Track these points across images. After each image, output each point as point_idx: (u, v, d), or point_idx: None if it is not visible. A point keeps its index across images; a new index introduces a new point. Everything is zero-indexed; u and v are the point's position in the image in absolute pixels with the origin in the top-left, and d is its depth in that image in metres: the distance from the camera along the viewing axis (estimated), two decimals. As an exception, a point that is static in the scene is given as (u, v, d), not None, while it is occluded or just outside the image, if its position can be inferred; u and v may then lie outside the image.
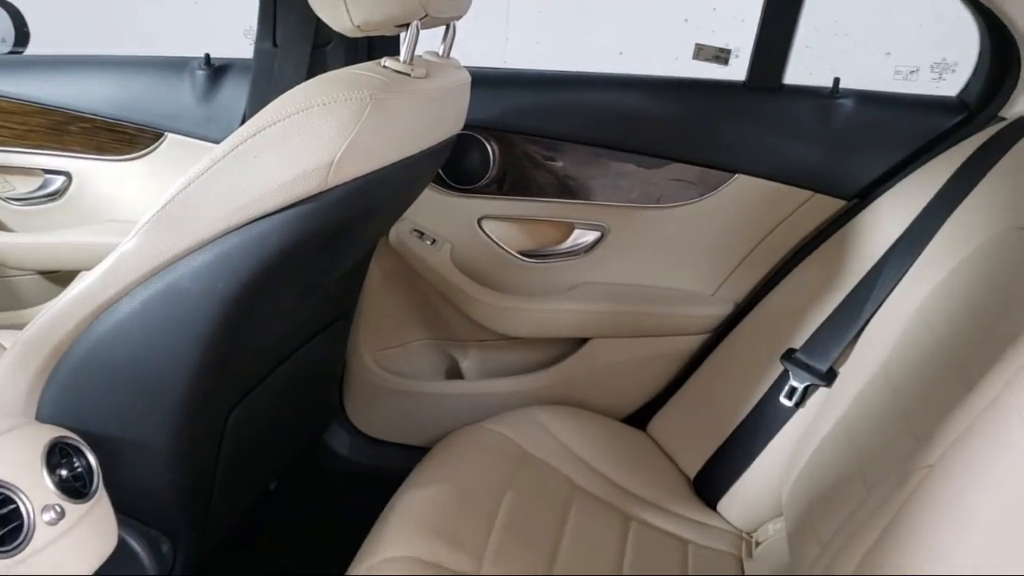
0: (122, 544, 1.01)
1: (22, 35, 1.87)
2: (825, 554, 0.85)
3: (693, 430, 1.38)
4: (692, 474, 1.35)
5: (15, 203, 1.68)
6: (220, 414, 1.10)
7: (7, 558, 0.84)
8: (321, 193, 0.92)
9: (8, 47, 1.88)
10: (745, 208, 1.42)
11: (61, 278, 1.73)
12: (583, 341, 1.53)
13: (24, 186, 1.68)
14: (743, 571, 1.19)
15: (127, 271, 0.94)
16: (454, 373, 1.65)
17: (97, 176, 1.63)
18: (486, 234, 1.53)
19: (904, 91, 1.40)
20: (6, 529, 0.85)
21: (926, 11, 3.01)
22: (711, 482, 1.31)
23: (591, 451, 1.34)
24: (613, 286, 1.52)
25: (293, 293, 1.11)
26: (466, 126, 1.28)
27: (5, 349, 1.33)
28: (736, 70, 1.45)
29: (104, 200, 1.65)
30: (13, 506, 0.86)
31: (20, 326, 1.19)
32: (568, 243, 1.53)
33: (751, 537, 1.26)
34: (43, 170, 1.66)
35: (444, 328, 1.63)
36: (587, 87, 1.49)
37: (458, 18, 1.15)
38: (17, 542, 0.85)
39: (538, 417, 1.39)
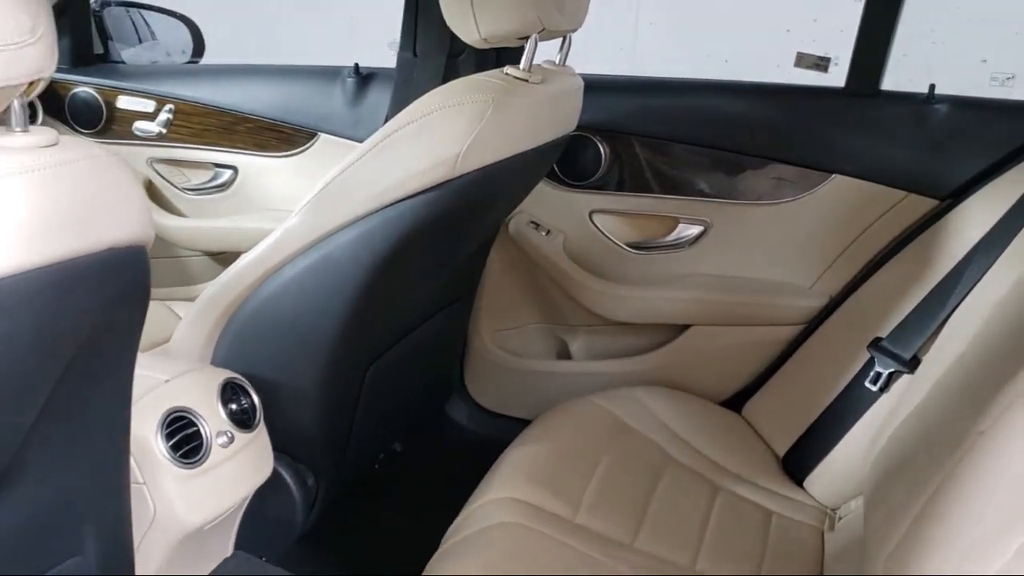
0: (276, 473, 1.20)
1: (199, 47, 2.14)
2: (890, 516, 0.94)
3: (785, 412, 1.47)
4: (781, 452, 1.44)
5: (190, 193, 1.93)
6: (359, 368, 1.29)
7: (190, 469, 1.04)
8: (448, 181, 1.09)
9: (188, 57, 2.16)
10: (841, 206, 1.51)
11: (224, 259, 1.98)
12: (684, 328, 1.64)
13: (197, 178, 1.94)
14: (823, 542, 1.28)
15: (290, 243, 1.14)
16: (564, 354, 1.80)
17: (259, 170, 1.86)
18: (596, 227, 1.67)
19: (1000, 97, 1.46)
20: (190, 446, 1.05)
21: (1023, 19, 2.97)
22: (799, 460, 1.40)
23: (686, 427, 1.46)
24: (715, 277, 1.63)
25: (422, 268, 1.28)
26: (580, 127, 1.43)
27: (179, 317, 1.57)
28: (835, 77, 1.54)
29: (264, 191, 1.88)
30: (195, 429, 1.06)
31: (190, 299, 1.41)
32: (672, 236, 1.65)
33: (834, 513, 1.34)
34: (214, 164, 1.90)
35: (556, 313, 1.78)
36: (694, 92, 1.61)
37: (574, 31, 1.29)
38: (198, 457, 1.05)
39: (638, 395, 1.52)
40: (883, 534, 0.91)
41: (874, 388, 1.32)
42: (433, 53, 1.60)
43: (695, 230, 1.63)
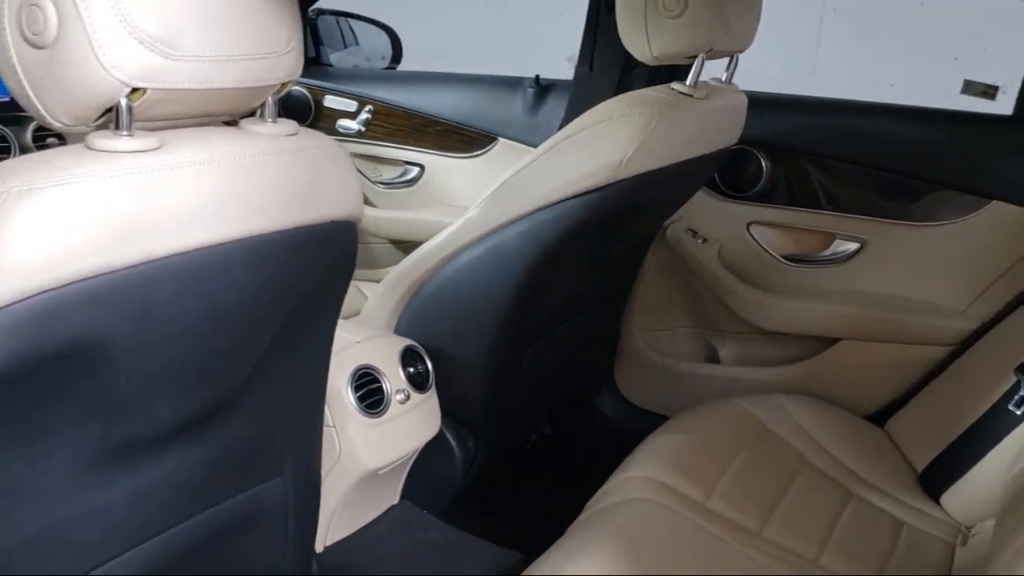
0: (441, 433, 1.37)
1: (398, 54, 2.36)
2: (1020, 539, 0.98)
3: (927, 429, 1.49)
4: (920, 468, 1.47)
5: (381, 186, 2.15)
6: (519, 348, 1.43)
7: (372, 418, 1.21)
8: (610, 184, 1.21)
9: (387, 62, 2.38)
10: (1000, 232, 1.52)
11: (405, 247, 2.17)
12: (833, 341, 1.69)
13: (388, 173, 2.15)
14: (953, 558, 1.30)
15: (468, 232, 1.30)
16: (712, 359, 1.87)
17: (443, 169, 2.05)
18: (753, 237, 1.74)
19: None
20: (373, 399, 1.22)
21: None
22: (937, 476, 1.43)
23: (826, 436, 1.51)
24: (867, 293, 1.67)
25: (581, 263, 1.41)
26: (743, 141, 1.52)
27: (365, 296, 1.77)
28: (1001, 105, 1.54)
29: (446, 188, 2.06)
30: (378, 385, 1.24)
31: (374, 280, 1.61)
32: (828, 251, 1.70)
33: (968, 530, 1.36)
34: (404, 162, 2.11)
35: (707, 318, 1.86)
36: (856, 113, 1.66)
37: (741, 52, 1.38)
38: (379, 409, 1.23)
39: (782, 402, 1.58)
40: (1012, 556, 0.94)
41: (1018, 412, 1.33)
42: (608, 68, 1.72)
43: (851, 247, 1.67)
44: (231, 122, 0.82)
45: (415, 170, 2.09)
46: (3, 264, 0.61)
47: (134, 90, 0.66)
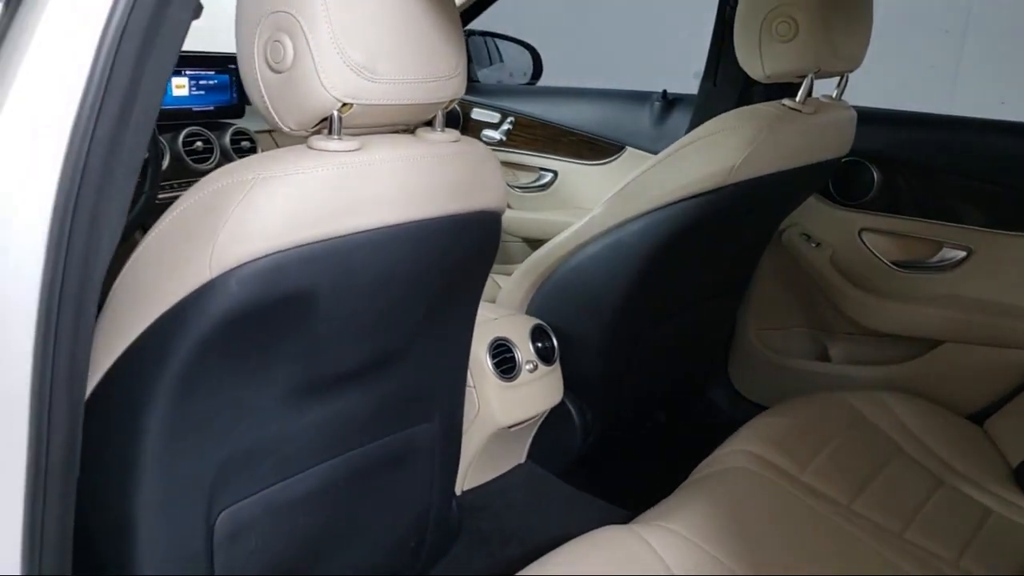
0: (563, 403, 1.56)
1: (538, 70, 2.58)
2: None
3: (1024, 428, 1.58)
4: (1015, 463, 1.55)
5: (517, 190, 2.37)
6: (636, 333, 1.61)
7: (506, 382, 1.42)
8: (722, 187, 1.38)
9: (527, 78, 2.60)
10: None
11: (536, 245, 2.38)
12: (937, 343, 1.78)
13: (525, 179, 2.36)
14: None
15: (593, 227, 1.49)
16: (822, 357, 1.99)
17: (574, 175, 2.25)
18: (864, 243, 1.85)
19: None
20: (507, 366, 1.43)
21: None
22: (1031, 472, 1.51)
23: (923, 429, 1.61)
24: (973, 299, 1.75)
25: (694, 260, 1.58)
26: (856, 153, 1.65)
27: (499, 286, 1.98)
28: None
29: (576, 193, 2.26)
30: (511, 355, 1.45)
31: (507, 274, 1.82)
32: (936, 258, 1.79)
33: (1060, 527, 1.44)
34: (539, 168, 2.32)
35: (819, 319, 1.98)
36: (965, 128, 1.75)
37: (850, 71, 1.52)
38: (512, 375, 1.43)
39: (884, 397, 1.68)
40: None
41: (1113, 413, 1.41)
42: (730, 83, 1.88)
43: (958, 254, 1.76)
44: (408, 130, 1.04)
45: (549, 175, 2.29)
46: (248, 231, 0.84)
47: (344, 105, 0.88)
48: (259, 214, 0.84)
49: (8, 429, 0.75)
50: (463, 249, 1.09)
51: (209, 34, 1.30)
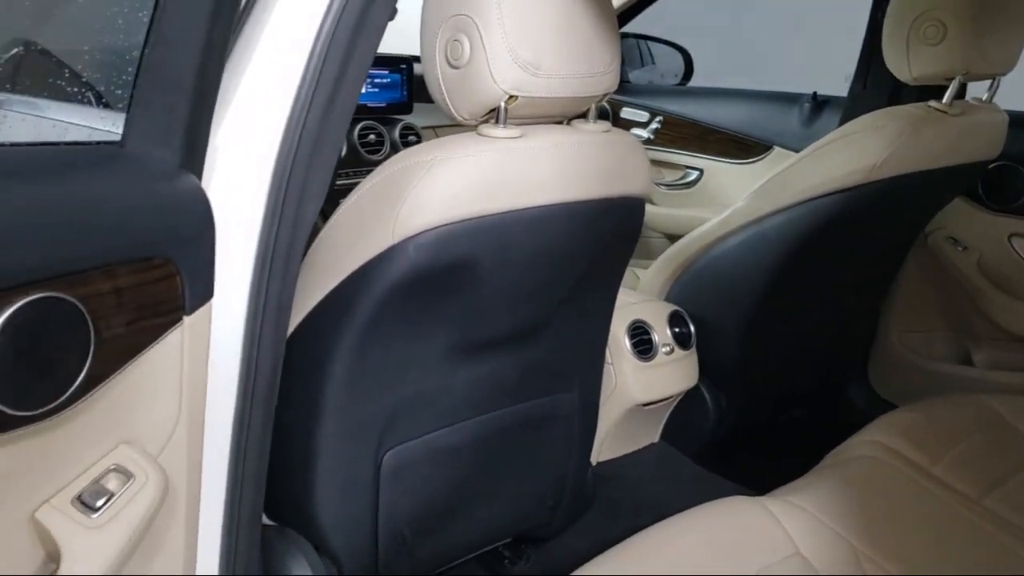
0: (698, 387, 1.64)
1: (689, 71, 2.65)
2: None
3: None
4: None
5: (663, 187, 2.45)
6: (773, 325, 1.67)
7: (642, 362, 1.52)
8: (863, 185, 1.42)
9: (678, 79, 2.68)
10: None
11: (675, 240, 2.46)
12: (1089, 352, 1.75)
13: (670, 176, 2.44)
14: None
15: (735, 220, 1.56)
16: (965, 362, 1.97)
17: (720, 173, 2.31)
18: (1013, 248, 1.83)
19: None
20: (644, 347, 1.53)
21: None
22: None
23: (1068, 436, 1.59)
24: None
25: (834, 257, 1.62)
26: (1007, 157, 1.64)
27: (638, 278, 2.07)
28: None
29: (721, 191, 2.32)
30: (648, 337, 1.54)
31: (646, 268, 1.90)
32: (1090, 266, 1.76)
33: None
34: (685, 166, 2.39)
35: (963, 323, 1.97)
36: None
37: (1002, 74, 1.53)
38: (648, 356, 1.53)
39: (1027, 402, 1.67)
40: None
41: None
42: (881, 86, 1.90)
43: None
44: (564, 121, 1.15)
45: (695, 173, 2.36)
46: (427, 204, 0.98)
47: (510, 97, 1.00)
48: (436, 190, 0.98)
49: (225, 360, 0.91)
50: (608, 231, 1.19)
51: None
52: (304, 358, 1.09)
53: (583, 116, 1.14)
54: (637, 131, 2.43)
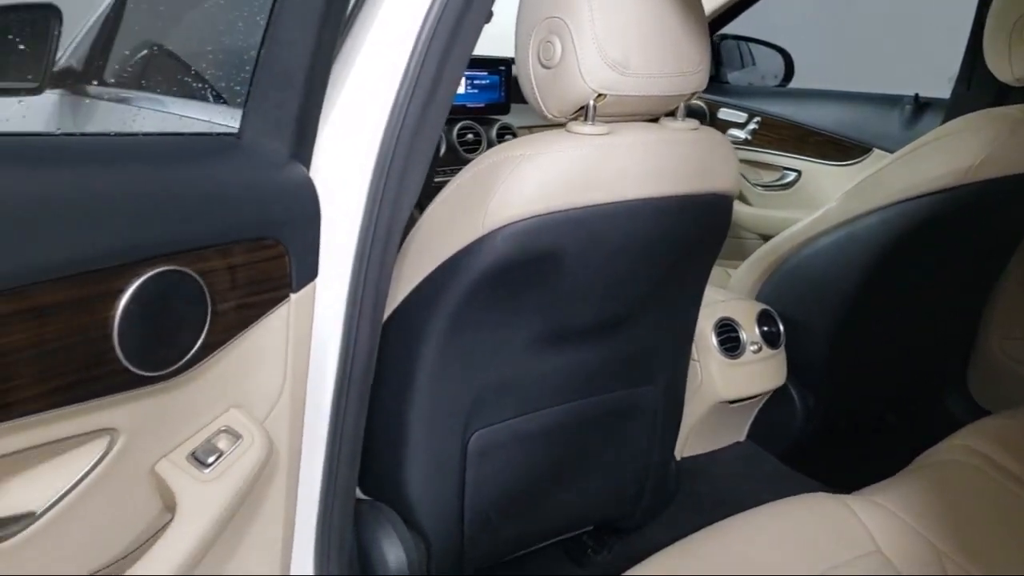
0: (786, 387, 1.64)
1: (789, 73, 2.62)
2: None
3: None
4: None
5: (759, 188, 2.44)
6: (864, 327, 1.65)
7: (729, 360, 1.53)
8: (958, 187, 1.40)
9: (778, 81, 2.66)
10: None
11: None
12: None
13: (767, 177, 2.43)
14: None
15: (827, 220, 1.56)
16: (1073, 373, 1.91)
17: (818, 175, 2.29)
18: None
19: None
20: (731, 345, 1.54)
21: None
22: None
23: None
24: None
25: (929, 260, 1.59)
26: None
27: (729, 275, 2.07)
28: None
29: (819, 192, 2.30)
30: (736, 335, 1.55)
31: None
32: None
33: None
34: (782, 167, 2.38)
35: (1070, 331, 1.90)
36: None
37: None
38: (735, 353, 1.54)
39: None
40: None
41: None
42: (984, 88, 1.85)
43: None
44: (653, 119, 1.19)
45: (792, 175, 2.35)
46: (515, 197, 1.03)
47: (599, 95, 1.04)
48: (524, 184, 1.03)
49: (327, 337, 0.98)
50: (694, 227, 1.22)
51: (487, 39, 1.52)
52: (398, 342, 1.15)
53: (672, 114, 1.17)
54: (734, 132, 2.43)
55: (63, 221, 0.67)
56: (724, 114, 2.47)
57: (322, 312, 0.94)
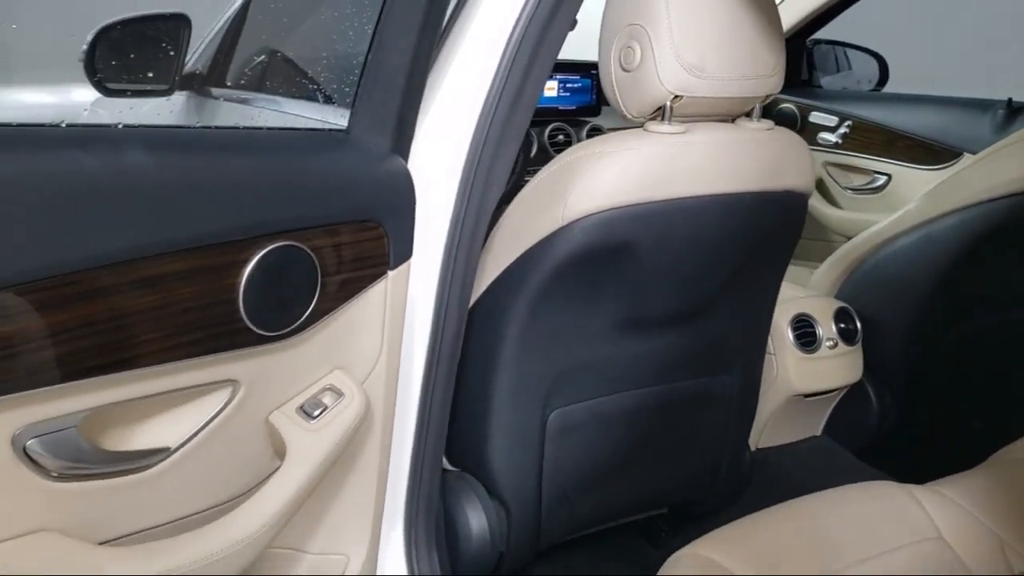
0: (863, 384, 1.67)
1: (884, 77, 2.62)
2: None
3: None
4: None
5: (849, 192, 2.45)
6: (943, 329, 1.67)
7: (805, 354, 1.58)
8: None
9: (872, 85, 2.66)
10: None
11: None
12: None
13: (858, 181, 2.44)
14: None
15: (906, 221, 1.59)
16: None
17: (908, 179, 2.28)
18: None
19: None
20: (807, 340, 1.59)
21: None
22: None
23: None
24: None
25: (1010, 263, 1.60)
26: None
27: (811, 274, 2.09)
28: None
29: (909, 196, 2.28)
30: (812, 330, 1.60)
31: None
32: None
33: None
34: (873, 171, 2.38)
35: None
36: None
37: None
38: (811, 348, 1.59)
39: None
40: None
41: None
42: (1082, 92, 1.85)
43: None
44: (729, 120, 1.25)
45: (882, 179, 2.35)
46: (593, 191, 1.11)
47: (675, 97, 1.12)
48: (602, 179, 1.11)
49: (419, 312, 1.08)
50: (768, 222, 1.28)
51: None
52: (483, 325, 1.25)
53: (748, 115, 1.24)
54: (825, 135, 2.45)
55: (200, 200, 0.79)
56: (815, 118, 2.49)
57: (415, 289, 1.04)
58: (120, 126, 0.81)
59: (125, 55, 1.50)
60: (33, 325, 0.69)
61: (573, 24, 1.14)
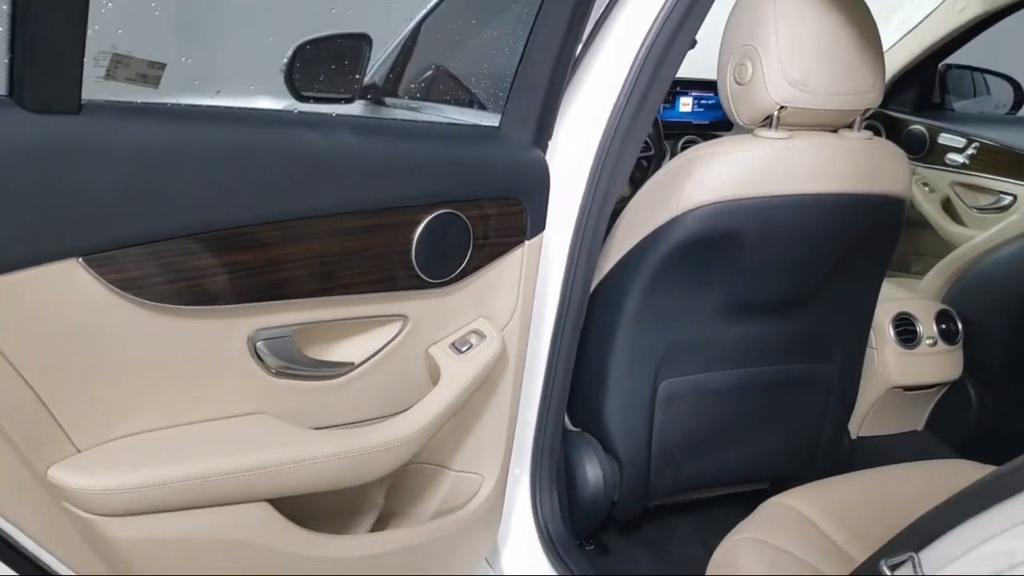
0: (963, 382, 1.78)
1: (1019, 101, 2.66)
2: None
3: None
4: None
5: (975, 211, 2.51)
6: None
7: (905, 350, 1.70)
8: None
9: (1005, 109, 2.70)
10: None
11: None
12: None
13: (984, 200, 2.50)
14: None
15: (1007, 231, 1.72)
16: None
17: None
18: None
19: None
20: (907, 336, 1.71)
21: None
22: None
23: None
24: None
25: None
26: None
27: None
28: None
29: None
30: (913, 328, 1.72)
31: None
32: None
33: None
34: (999, 192, 2.44)
35: None
36: None
37: None
38: (911, 344, 1.71)
39: None
40: None
41: None
42: None
43: None
44: (833, 130, 1.41)
45: (1008, 199, 2.40)
46: (705, 185, 1.30)
47: (781, 107, 1.29)
48: (713, 175, 1.30)
49: (550, 280, 1.30)
50: (864, 222, 1.42)
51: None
52: (605, 303, 1.45)
53: (850, 126, 1.39)
54: (953, 156, 2.52)
55: (387, 173, 1.05)
56: (944, 139, 2.56)
57: (547, 260, 1.27)
58: (334, 114, 1.07)
59: (316, 68, 1.80)
60: (270, 254, 0.96)
61: (693, 43, 1.34)
